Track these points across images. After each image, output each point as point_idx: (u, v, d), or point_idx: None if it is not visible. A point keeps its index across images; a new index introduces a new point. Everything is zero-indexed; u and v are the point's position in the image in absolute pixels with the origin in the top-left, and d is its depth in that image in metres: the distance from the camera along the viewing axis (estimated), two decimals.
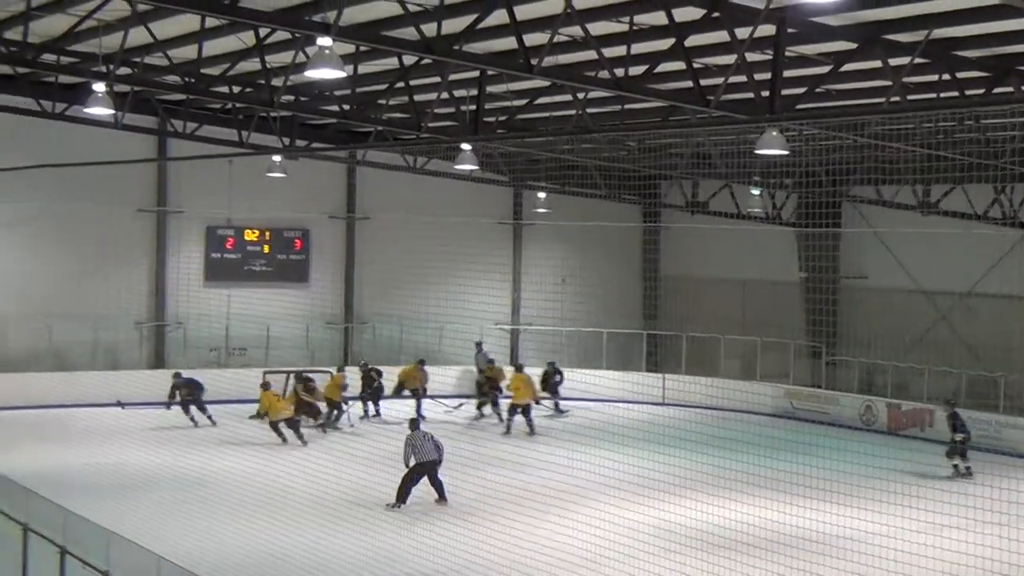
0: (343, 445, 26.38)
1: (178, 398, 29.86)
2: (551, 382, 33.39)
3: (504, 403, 30.93)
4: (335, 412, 30.22)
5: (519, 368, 31.40)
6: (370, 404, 31.88)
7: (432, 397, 32.56)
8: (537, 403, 30.86)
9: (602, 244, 39.15)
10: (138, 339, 35.17)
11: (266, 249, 36.91)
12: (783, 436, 26.62)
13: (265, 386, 28.74)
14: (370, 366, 32.46)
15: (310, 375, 31.34)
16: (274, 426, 27.78)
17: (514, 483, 20.02)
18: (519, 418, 29.74)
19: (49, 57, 24.24)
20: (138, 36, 21.30)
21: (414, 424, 22.46)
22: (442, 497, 21.33)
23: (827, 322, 33.31)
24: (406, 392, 32.38)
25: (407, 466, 21.30)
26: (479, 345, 35.38)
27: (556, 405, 32.96)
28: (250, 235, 36.65)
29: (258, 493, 21.73)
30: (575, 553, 16.82)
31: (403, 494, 21.14)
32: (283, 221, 36.72)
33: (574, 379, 31.69)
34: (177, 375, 30.30)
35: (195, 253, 35.95)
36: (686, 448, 26.33)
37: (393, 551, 17.61)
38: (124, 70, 24.02)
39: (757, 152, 22.74)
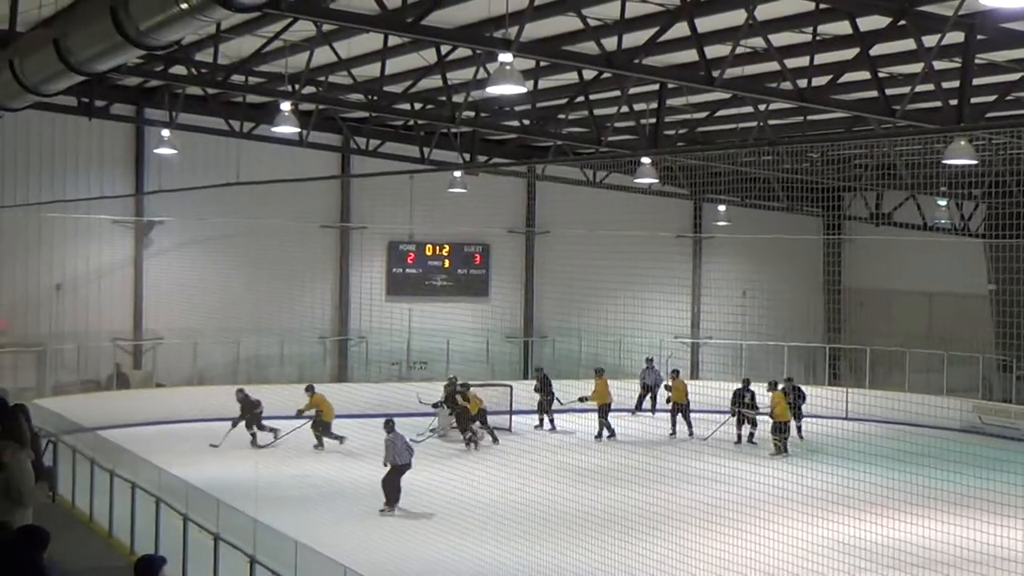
0: (519, 457, 26.46)
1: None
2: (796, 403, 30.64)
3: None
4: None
5: (772, 385, 30.25)
6: (546, 415, 31.96)
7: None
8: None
9: (783, 257, 38.68)
10: (322, 353, 35.87)
11: (446, 264, 37.34)
12: (972, 452, 25.97)
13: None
14: (543, 372, 32.70)
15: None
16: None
17: (699, 498, 19.86)
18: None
19: (238, 78, 24.84)
20: (323, 56, 21.73)
21: (389, 426, 23.09)
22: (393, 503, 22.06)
23: (1018, 335, 32.35)
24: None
25: (386, 465, 22.40)
26: (650, 361, 34.99)
27: (798, 429, 30.54)
28: (431, 250, 37.13)
29: (439, 505, 21.91)
30: (761, 570, 16.62)
31: (392, 496, 22.16)
32: (463, 236, 37.11)
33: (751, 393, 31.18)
34: (240, 391, 29.83)
35: (377, 268, 36.56)
36: (872, 463, 25.89)
37: (578, 566, 17.60)
38: (309, 89, 24.54)
39: (945, 162, 22.24)
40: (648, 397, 34.43)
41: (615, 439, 30.33)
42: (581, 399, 31.57)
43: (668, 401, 32.59)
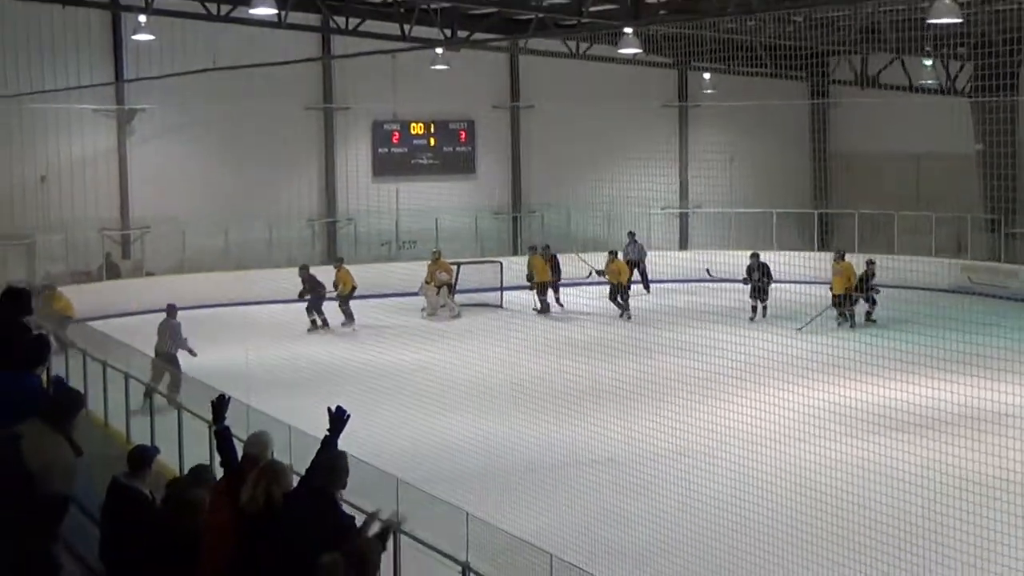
0: (513, 332, 26.60)
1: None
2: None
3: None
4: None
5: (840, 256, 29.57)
6: (549, 292, 31.40)
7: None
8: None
9: (770, 123, 38.51)
10: (311, 236, 35.85)
11: (432, 142, 37.18)
12: (959, 314, 26.13)
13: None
14: (552, 251, 31.98)
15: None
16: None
17: (685, 368, 19.97)
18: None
19: None
20: None
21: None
22: None
23: (1005, 195, 32.34)
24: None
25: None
26: (632, 235, 34.61)
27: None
28: (416, 128, 36.94)
29: (425, 383, 22.03)
30: (749, 435, 16.80)
31: None
32: (448, 113, 36.91)
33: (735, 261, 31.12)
34: (304, 268, 29.86)
35: (362, 149, 36.42)
36: (861, 327, 26.10)
37: (568, 439, 17.77)
38: None
39: (929, 21, 22.04)
40: (637, 272, 33.68)
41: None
42: (598, 272, 31.34)
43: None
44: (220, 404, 8.57)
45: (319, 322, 29.00)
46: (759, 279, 29.48)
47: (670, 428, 17.05)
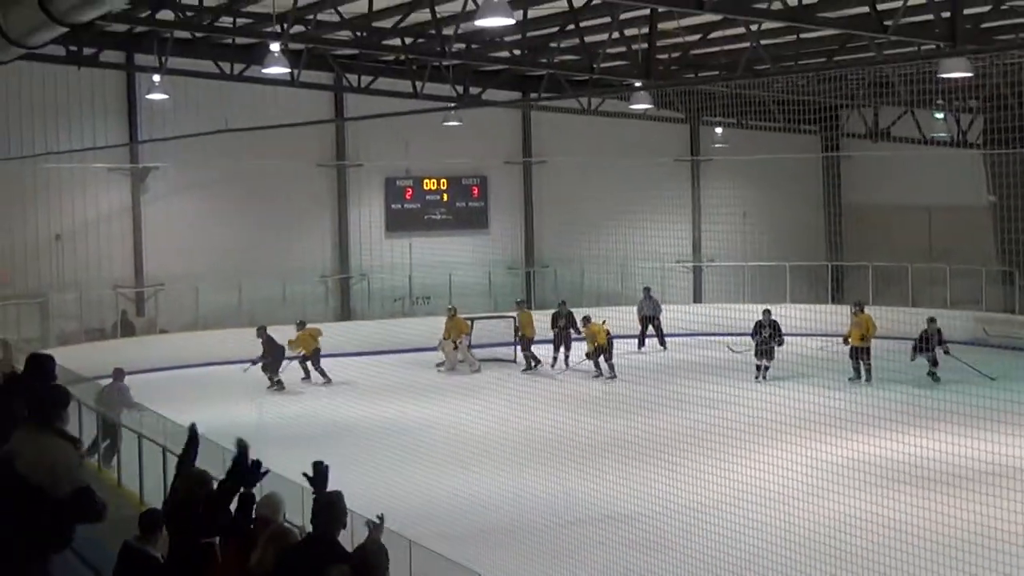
0: (527, 387, 26.55)
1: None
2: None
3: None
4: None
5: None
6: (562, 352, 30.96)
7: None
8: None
9: (782, 177, 38.53)
10: (324, 292, 35.89)
11: (444, 198, 37.26)
12: (977, 366, 26.03)
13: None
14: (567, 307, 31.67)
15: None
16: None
17: (701, 423, 19.89)
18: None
19: (225, 20, 24.65)
20: None
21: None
22: None
23: (1020, 247, 32.26)
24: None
25: None
26: (647, 291, 34.18)
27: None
28: (429, 184, 37.04)
29: (440, 439, 21.98)
30: (767, 491, 16.69)
31: None
32: (460, 169, 37.01)
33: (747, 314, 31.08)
34: (262, 329, 29.75)
35: (375, 205, 36.51)
36: (878, 380, 26.00)
37: (586, 494, 17.67)
38: (298, 28, 24.36)
39: (940, 75, 22.09)
40: (652, 327, 33.66)
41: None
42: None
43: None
44: (322, 471, 8.47)
45: (276, 381, 28.95)
46: (768, 337, 28.79)
47: (687, 484, 16.97)
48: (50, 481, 7.91)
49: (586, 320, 30.25)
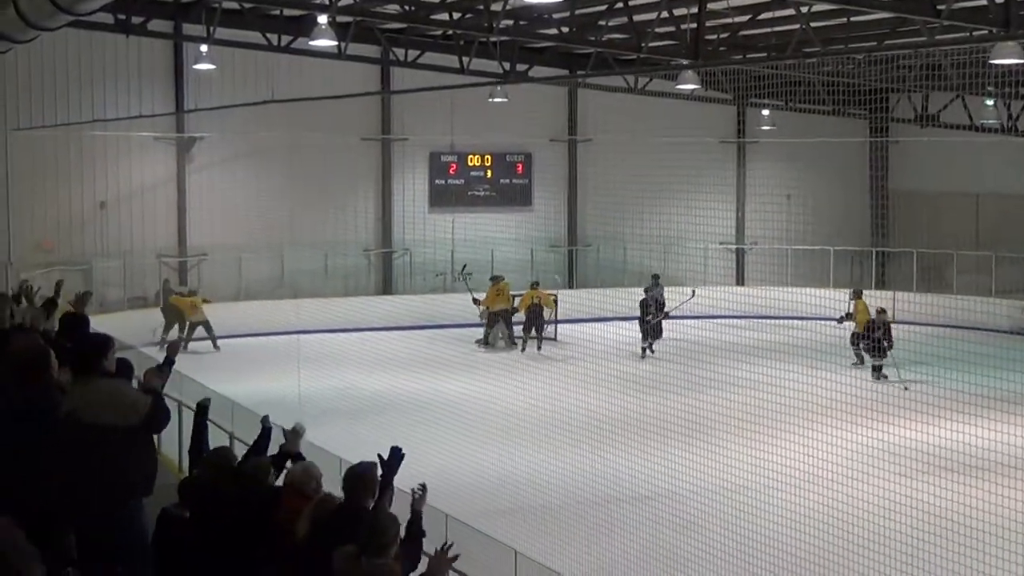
0: (566, 366, 26.54)
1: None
2: None
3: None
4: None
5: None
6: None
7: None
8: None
9: (828, 160, 38.31)
10: (366, 266, 35.95)
11: (489, 174, 37.24)
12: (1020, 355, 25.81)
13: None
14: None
15: None
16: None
17: (737, 404, 19.85)
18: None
19: None
20: None
21: None
22: None
23: None
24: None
25: None
26: (656, 277, 32.85)
27: None
28: (473, 160, 37.02)
29: (480, 415, 22.01)
30: (799, 473, 16.63)
31: None
32: (505, 145, 36.96)
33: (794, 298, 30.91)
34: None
35: (420, 180, 36.53)
36: (920, 367, 25.82)
37: (621, 473, 17.66)
38: (346, 1, 24.34)
39: (992, 61, 21.86)
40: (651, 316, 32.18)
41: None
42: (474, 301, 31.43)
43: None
44: (396, 456, 8.53)
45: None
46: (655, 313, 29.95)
47: (722, 465, 16.93)
48: (118, 416, 8.15)
49: (495, 280, 31.39)
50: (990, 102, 33.28)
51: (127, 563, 8.22)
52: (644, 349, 29.44)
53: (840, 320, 28.87)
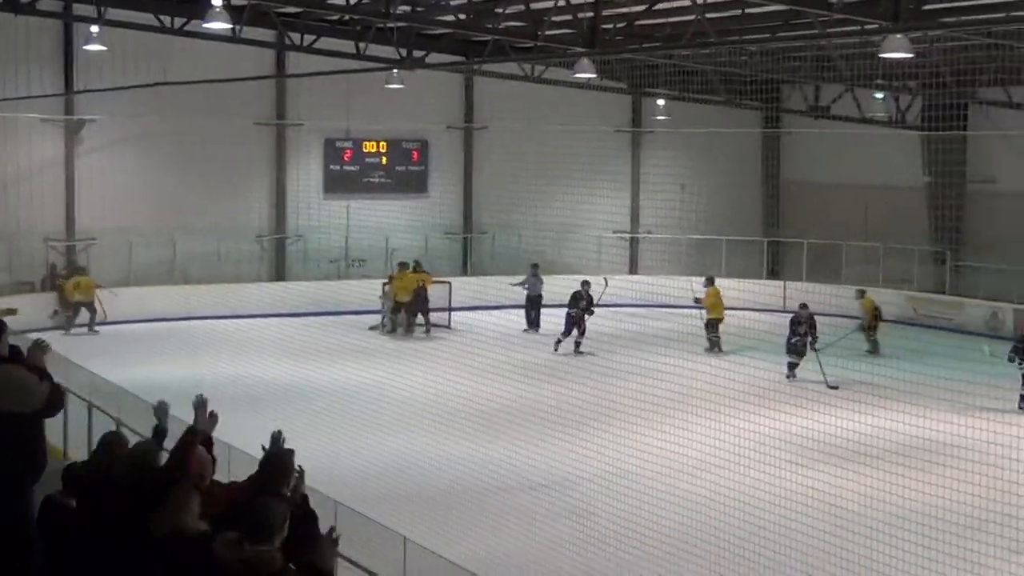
0: (460, 354, 26.52)
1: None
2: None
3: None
4: None
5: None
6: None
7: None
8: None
9: (722, 151, 38.64)
10: (259, 252, 35.63)
11: (384, 161, 37.07)
12: (905, 344, 26.28)
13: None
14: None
15: None
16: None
17: (630, 393, 19.95)
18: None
19: None
20: None
21: None
22: None
23: (952, 227, 32.64)
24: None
25: None
26: (535, 267, 32.81)
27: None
28: (369, 147, 36.82)
29: (373, 403, 21.93)
30: (687, 461, 16.79)
31: None
32: (401, 132, 36.81)
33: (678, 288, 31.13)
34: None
35: (314, 165, 36.26)
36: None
37: (506, 461, 17.69)
38: None
39: (881, 55, 22.17)
40: (534, 311, 32.36)
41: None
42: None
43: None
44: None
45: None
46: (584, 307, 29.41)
47: (615, 453, 17.03)
48: (14, 402, 8.03)
49: (403, 266, 31.55)
50: (879, 95, 33.81)
51: (12, 551, 8.08)
52: (558, 343, 28.95)
53: (696, 301, 29.41)
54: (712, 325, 29.34)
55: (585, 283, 29.69)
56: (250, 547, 6.68)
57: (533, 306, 32.36)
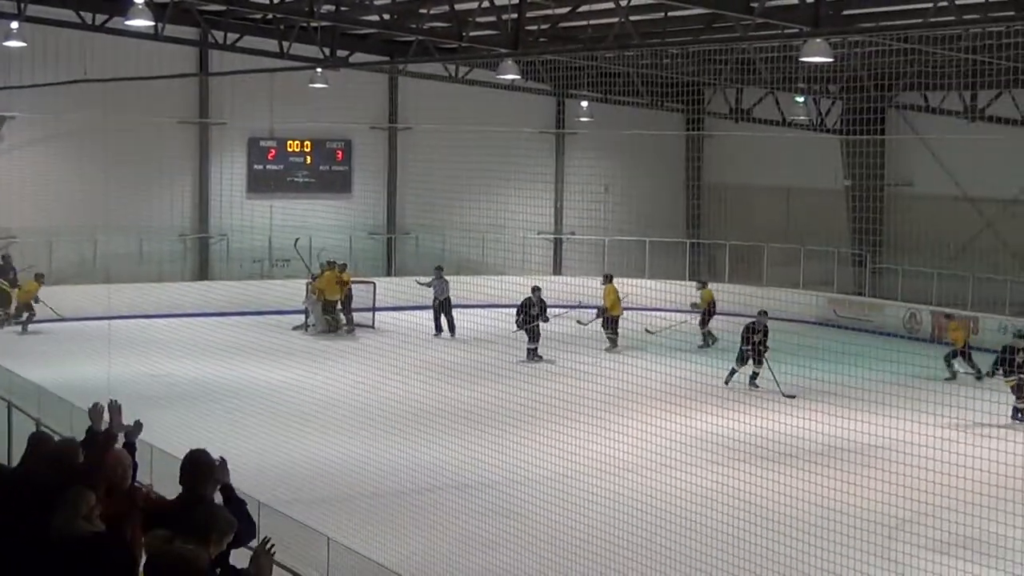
0: (384, 354, 26.50)
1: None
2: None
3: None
4: None
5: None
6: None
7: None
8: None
9: (645, 152, 38.87)
10: (182, 251, 35.38)
11: (308, 160, 36.97)
12: (825, 345, 26.58)
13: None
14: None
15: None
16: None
17: (556, 393, 20.05)
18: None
19: None
20: None
21: None
22: None
23: (872, 230, 33.07)
24: None
25: None
26: (439, 270, 32.54)
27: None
28: (292, 146, 36.70)
29: (297, 403, 21.89)
30: (613, 462, 16.89)
31: None
32: (325, 132, 36.70)
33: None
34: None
35: (237, 165, 36.07)
36: (727, 357, 26.43)
37: (440, 462, 17.72)
38: None
39: (802, 59, 22.44)
40: (443, 316, 31.75)
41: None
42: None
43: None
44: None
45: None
46: (536, 315, 28.70)
47: (539, 453, 17.10)
48: None
49: (329, 265, 31.71)
50: (800, 99, 34.20)
51: None
52: (531, 351, 28.31)
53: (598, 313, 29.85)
54: (610, 323, 29.69)
55: (536, 289, 29.19)
56: (179, 544, 6.72)
57: (443, 309, 31.70)
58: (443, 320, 31.65)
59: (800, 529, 13.89)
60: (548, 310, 29.12)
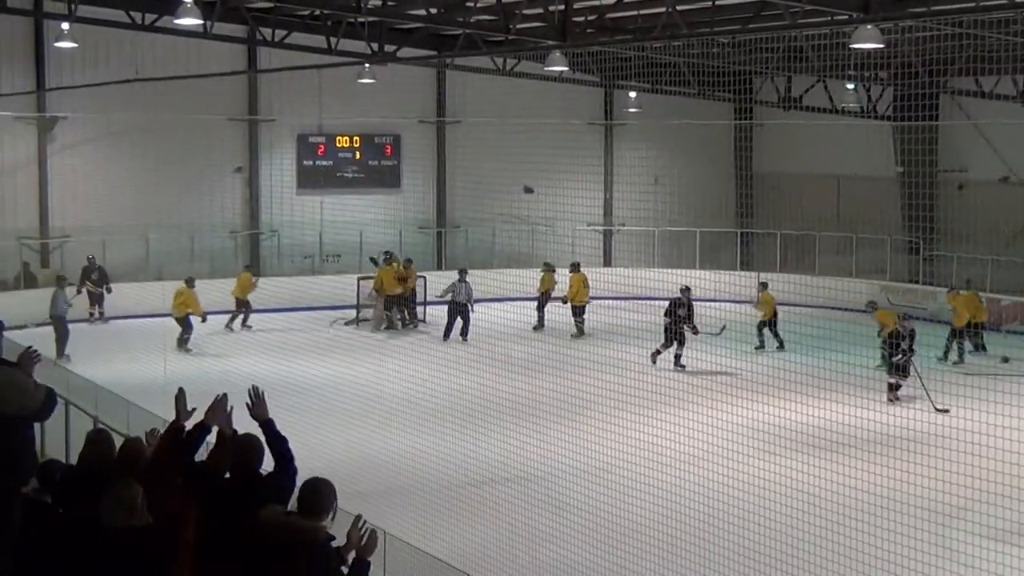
0: (439, 349, 26.56)
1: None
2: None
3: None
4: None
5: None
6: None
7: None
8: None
9: (694, 143, 38.74)
10: (233, 248, 35.57)
11: (357, 155, 37.08)
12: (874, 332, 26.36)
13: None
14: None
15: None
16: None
17: (608, 385, 19.99)
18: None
19: None
20: None
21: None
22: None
23: (925, 217, 32.76)
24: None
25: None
26: (463, 272, 30.89)
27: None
28: (341, 141, 36.82)
29: (349, 398, 21.91)
30: (670, 454, 16.82)
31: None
32: (374, 127, 36.80)
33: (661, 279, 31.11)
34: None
35: (287, 161, 36.22)
36: (785, 347, 26.29)
37: (486, 454, 17.71)
38: None
39: (852, 46, 22.27)
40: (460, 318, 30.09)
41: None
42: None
43: None
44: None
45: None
46: (685, 317, 26.80)
47: (593, 446, 17.05)
48: (21, 403, 8.04)
49: (388, 257, 31.69)
50: (850, 86, 33.94)
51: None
52: (677, 357, 26.49)
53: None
54: (577, 311, 30.21)
55: (685, 289, 27.03)
56: (296, 518, 6.88)
57: (459, 313, 30.03)
58: (457, 323, 29.99)
59: (855, 519, 13.80)
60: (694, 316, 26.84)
